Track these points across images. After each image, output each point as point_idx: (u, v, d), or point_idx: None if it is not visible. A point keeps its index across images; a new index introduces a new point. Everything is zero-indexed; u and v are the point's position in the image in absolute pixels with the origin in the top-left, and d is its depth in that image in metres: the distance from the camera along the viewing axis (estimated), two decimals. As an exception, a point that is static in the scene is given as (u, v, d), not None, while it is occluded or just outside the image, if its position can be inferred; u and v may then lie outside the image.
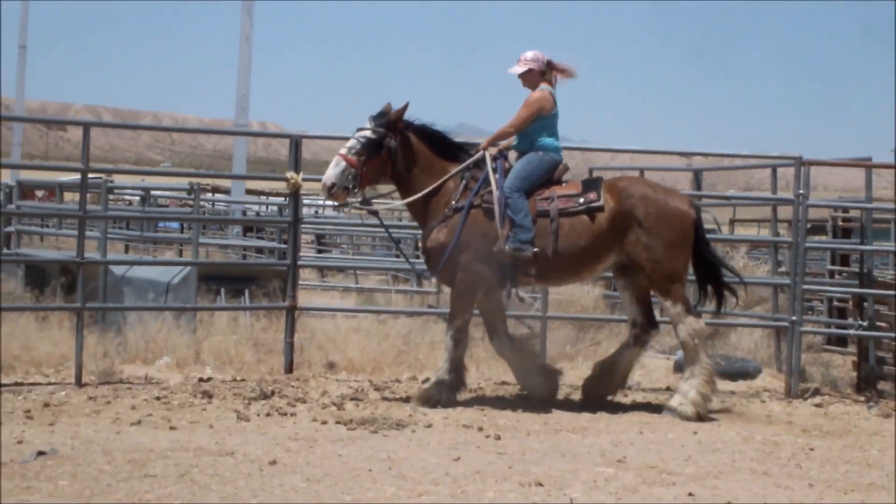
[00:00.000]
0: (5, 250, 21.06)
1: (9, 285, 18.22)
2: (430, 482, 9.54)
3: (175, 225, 35.08)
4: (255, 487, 9.13)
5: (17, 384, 13.36)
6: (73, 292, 16.04)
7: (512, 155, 13.72)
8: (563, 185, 13.53)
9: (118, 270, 17.73)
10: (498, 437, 11.54)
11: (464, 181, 13.42)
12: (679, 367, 15.28)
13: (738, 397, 14.80)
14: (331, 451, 10.67)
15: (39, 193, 46.29)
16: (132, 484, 9.04)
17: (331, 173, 13.09)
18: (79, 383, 13.73)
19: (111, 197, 25.65)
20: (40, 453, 9.88)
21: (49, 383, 13.82)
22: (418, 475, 9.77)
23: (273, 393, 13.29)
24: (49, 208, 29.99)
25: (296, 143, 15.26)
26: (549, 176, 13.49)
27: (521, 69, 13.63)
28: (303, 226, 16.62)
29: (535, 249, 13.08)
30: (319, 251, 33.93)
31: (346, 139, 13.39)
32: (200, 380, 14.25)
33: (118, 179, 34.03)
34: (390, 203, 16.34)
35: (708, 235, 14.10)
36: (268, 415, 12.30)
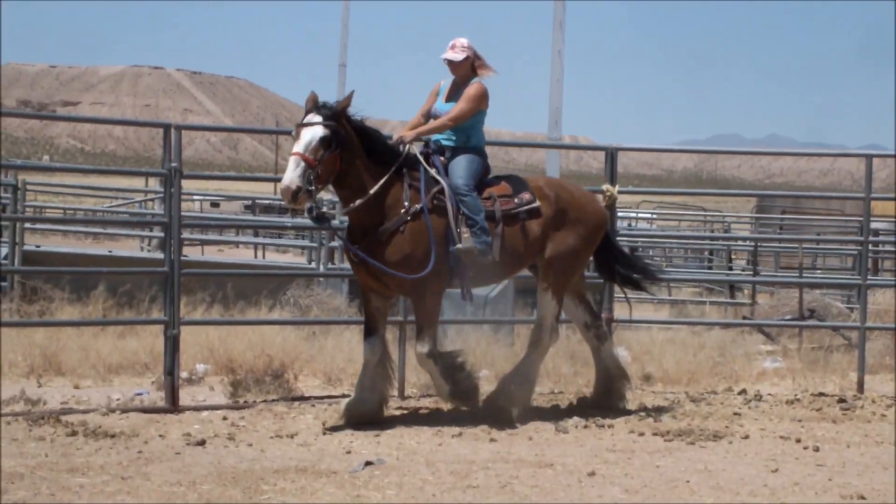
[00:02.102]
0: (330, 265, 21.59)
1: (334, 300, 18.68)
2: (748, 493, 9.49)
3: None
4: (574, 498, 9.21)
5: (343, 395, 13.70)
6: (396, 307, 16.39)
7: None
8: (495, 185, 12.68)
9: (438, 285, 17.99)
10: (816, 449, 11.33)
11: (406, 181, 12.18)
12: None
13: None
14: (648, 462, 10.66)
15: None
16: (455, 494, 9.21)
17: (292, 176, 11.43)
18: (401, 395, 13.98)
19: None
20: (367, 463, 10.14)
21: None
22: (736, 486, 9.71)
23: (590, 405, 13.31)
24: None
25: (611, 155, 15.23)
26: (485, 175, 12.68)
27: (460, 56, 12.59)
28: (617, 238, 16.59)
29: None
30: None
31: (663, 150, 13.22)
32: (518, 391, 14.33)
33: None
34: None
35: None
36: (585, 427, 12.32)
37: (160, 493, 8.94)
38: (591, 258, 13.71)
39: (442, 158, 12.48)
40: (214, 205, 49.30)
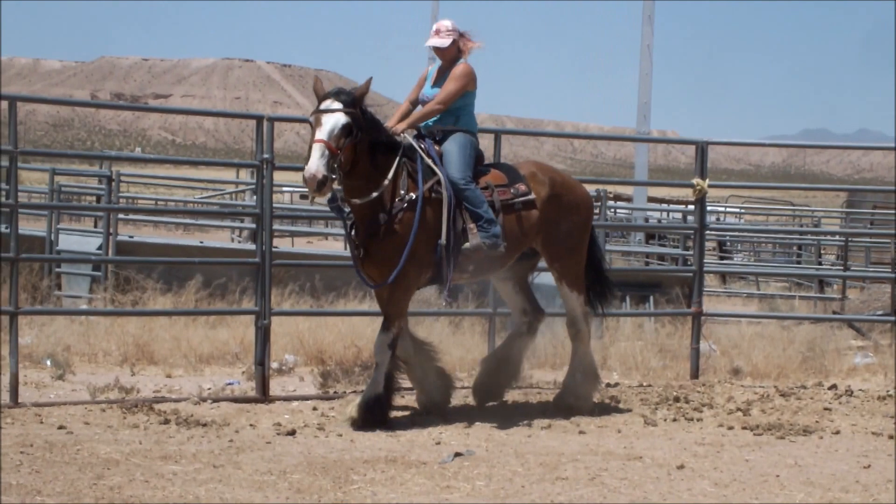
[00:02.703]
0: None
1: (425, 292, 18.67)
2: (839, 489, 9.41)
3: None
4: (663, 491, 9.18)
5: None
6: (483, 299, 16.38)
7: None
8: (488, 174, 12.23)
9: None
10: (909, 446, 11.23)
11: (405, 171, 11.68)
12: None
13: None
14: (738, 456, 10.60)
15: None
16: (544, 486, 9.20)
17: (318, 164, 10.94)
18: (491, 386, 13.97)
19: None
20: (457, 454, 10.15)
21: (463, 387, 14.10)
22: (827, 482, 9.64)
23: (679, 398, 13.27)
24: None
25: (702, 149, 15.18)
26: (479, 162, 12.22)
27: (447, 41, 12.13)
28: (707, 232, 16.53)
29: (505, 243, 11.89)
30: (721, 258, 33.69)
31: (753, 144, 13.04)
32: (607, 385, 14.30)
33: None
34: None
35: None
36: (674, 420, 12.28)
37: (251, 481, 8.99)
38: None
39: (437, 147, 11.97)
40: (303, 196, 49.29)
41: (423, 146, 11.86)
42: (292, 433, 10.94)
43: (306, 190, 11.19)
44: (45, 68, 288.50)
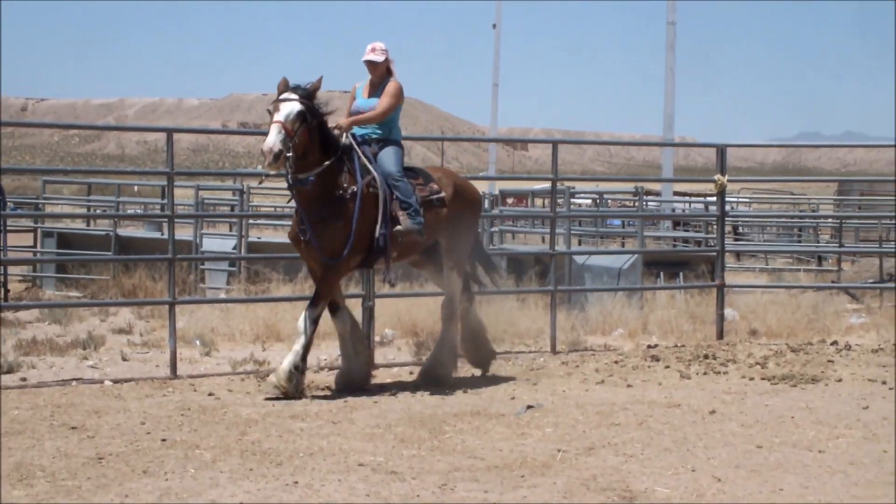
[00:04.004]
0: (491, 246, 21.58)
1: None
2: (844, 426, 9.35)
3: (616, 222, 35.14)
4: (699, 433, 9.12)
5: (506, 352, 13.66)
6: (545, 278, 16.31)
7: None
8: (410, 176, 11.64)
9: (579, 259, 17.94)
10: (900, 389, 11.08)
11: (345, 167, 11.18)
12: None
13: None
14: (759, 402, 10.53)
15: (510, 200, 47.19)
16: (601, 431, 9.16)
17: (275, 139, 10.56)
18: (553, 351, 13.92)
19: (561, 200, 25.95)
20: (529, 407, 10.10)
21: (530, 351, 14.06)
22: (833, 420, 9.57)
23: (708, 356, 13.14)
24: (525, 211, 30.63)
25: (722, 151, 15.18)
26: None
27: (381, 58, 11.54)
28: (727, 218, 16.47)
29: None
30: (736, 239, 33.43)
31: (765, 146, 12.83)
32: (648, 346, 14.21)
33: (576, 185, 34.28)
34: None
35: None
36: (705, 373, 12.17)
37: (364, 434, 8.99)
38: None
39: (371, 149, 11.47)
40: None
41: (360, 149, 11.35)
42: (394, 394, 10.94)
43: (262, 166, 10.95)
44: (186, 105, 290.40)
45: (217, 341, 14.27)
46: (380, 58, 11.56)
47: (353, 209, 11.04)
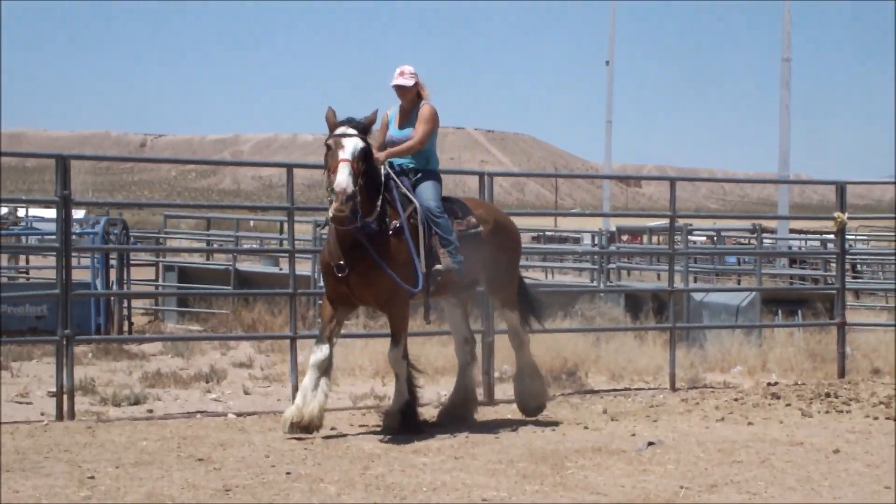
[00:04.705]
0: (608, 283, 21.54)
1: (613, 311, 18.62)
2: (974, 469, 9.14)
3: (731, 259, 34.85)
4: (823, 472, 9.00)
5: (625, 389, 13.62)
6: (662, 315, 16.25)
7: None
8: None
9: (697, 297, 17.83)
10: None
11: (386, 199, 10.52)
12: None
13: None
14: (884, 441, 10.35)
15: (624, 237, 47.03)
16: (723, 468, 9.08)
17: (348, 180, 9.87)
18: (673, 388, 13.86)
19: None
20: (650, 443, 10.05)
21: (649, 388, 14.01)
22: (963, 463, 9.36)
23: (829, 394, 12.95)
24: (642, 248, 30.49)
25: (842, 188, 15.06)
26: None
27: (410, 81, 10.94)
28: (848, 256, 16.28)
29: None
30: (854, 277, 32.91)
31: (884, 183, 12.63)
32: (768, 384, 14.10)
33: (694, 223, 34.04)
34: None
35: None
36: (827, 412, 12.01)
37: (486, 469, 9.00)
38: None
39: (409, 180, 10.92)
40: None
41: (399, 179, 10.77)
42: (515, 429, 10.94)
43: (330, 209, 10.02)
44: (301, 141, 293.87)
45: (336, 376, 14.38)
46: (409, 82, 11.00)
47: (400, 244, 10.46)
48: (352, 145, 10.08)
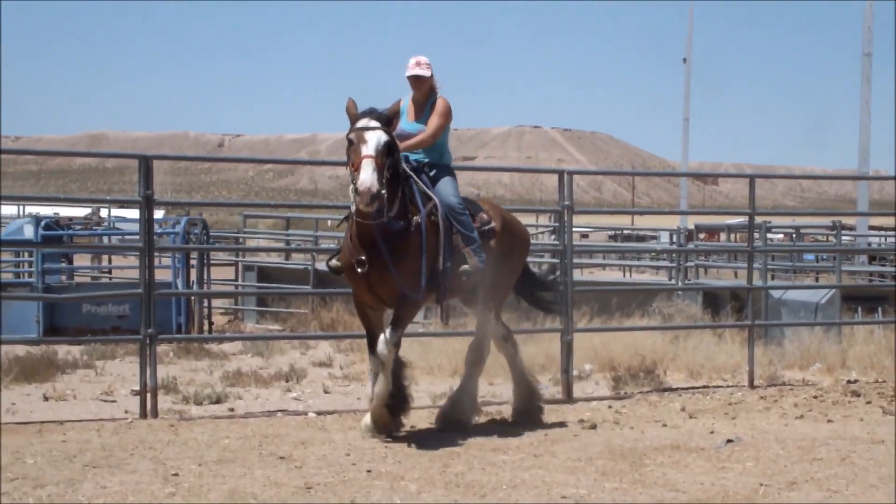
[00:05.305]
0: (686, 281, 21.44)
1: (691, 309, 18.56)
2: None
3: (809, 256, 34.53)
4: (907, 471, 8.91)
5: (704, 387, 13.58)
6: (741, 312, 16.16)
7: None
8: None
9: (776, 294, 17.72)
10: None
11: (405, 195, 10.06)
12: None
13: None
14: (965, 439, 10.21)
15: (701, 235, 46.73)
16: (803, 466, 9.03)
17: (372, 178, 9.35)
18: (751, 385, 13.79)
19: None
20: (728, 441, 10.01)
21: (728, 386, 13.95)
22: None
23: (910, 392, 12.82)
24: (721, 246, 30.30)
25: (921, 184, 14.87)
26: None
27: (427, 72, 10.51)
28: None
29: None
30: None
31: None
32: (848, 381, 13.98)
33: (771, 220, 33.78)
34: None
35: None
36: (909, 409, 11.91)
37: (565, 467, 9.01)
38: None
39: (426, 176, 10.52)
40: (584, 235, 49.59)
41: (417, 175, 10.35)
42: (594, 427, 10.93)
43: (357, 202, 9.53)
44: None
45: (416, 375, 14.44)
46: (426, 72, 10.57)
47: (421, 241, 10.02)
48: (375, 139, 9.62)
